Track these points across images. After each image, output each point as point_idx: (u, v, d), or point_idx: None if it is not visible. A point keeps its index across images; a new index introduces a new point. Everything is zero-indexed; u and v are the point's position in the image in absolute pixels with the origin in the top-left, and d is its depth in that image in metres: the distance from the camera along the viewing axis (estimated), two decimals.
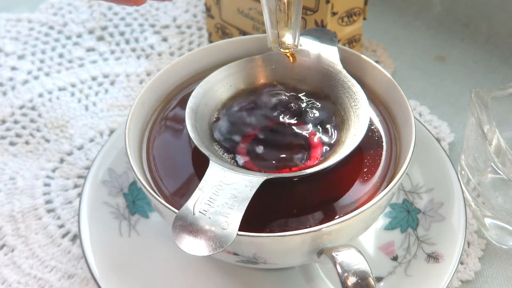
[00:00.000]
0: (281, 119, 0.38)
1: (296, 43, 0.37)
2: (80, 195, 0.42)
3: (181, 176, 0.36)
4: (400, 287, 0.37)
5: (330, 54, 0.38)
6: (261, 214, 0.33)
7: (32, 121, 0.50)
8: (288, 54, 0.38)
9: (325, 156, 0.35)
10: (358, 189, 0.34)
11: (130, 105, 0.51)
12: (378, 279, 0.37)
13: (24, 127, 0.49)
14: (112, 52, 0.55)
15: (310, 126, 0.37)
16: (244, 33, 0.50)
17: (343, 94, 0.37)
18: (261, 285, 0.38)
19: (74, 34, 0.57)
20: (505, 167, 0.36)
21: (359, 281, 0.29)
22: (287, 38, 0.37)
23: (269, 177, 0.32)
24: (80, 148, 0.48)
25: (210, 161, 0.33)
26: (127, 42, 0.56)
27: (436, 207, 0.40)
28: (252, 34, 0.49)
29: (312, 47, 0.39)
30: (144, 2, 0.28)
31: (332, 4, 0.45)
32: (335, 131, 0.37)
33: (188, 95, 0.37)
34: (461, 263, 0.40)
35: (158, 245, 0.39)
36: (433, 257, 0.38)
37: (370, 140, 0.37)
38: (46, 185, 0.45)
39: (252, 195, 0.31)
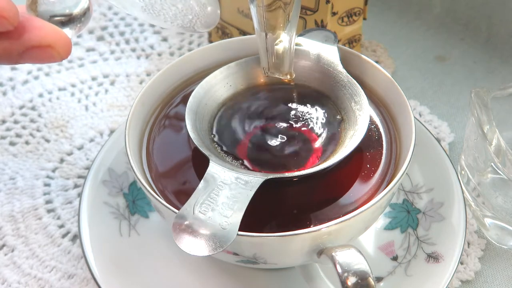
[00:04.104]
0: (281, 119, 0.38)
1: (288, 71, 0.37)
2: (80, 195, 0.42)
3: (181, 176, 0.36)
4: (400, 287, 0.37)
5: (330, 54, 0.38)
6: (261, 214, 0.33)
7: (32, 121, 0.50)
8: (282, 78, 0.38)
9: (325, 156, 0.35)
10: (358, 189, 0.34)
11: (130, 105, 0.51)
12: (378, 279, 0.37)
13: (24, 127, 0.49)
14: (112, 52, 0.55)
15: (310, 126, 0.37)
16: (244, 33, 0.50)
17: (343, 94, 0.37)
18: (261, 285, 0.38)
19: None
20: (505, 167, 0.36)
21: (359, 281, 0.29)
22: (279, 67, 0.36)
23: (269, 177, 0.32)
24: (80, 148, 0.48)
25: (210, 161, 0.33)
26: (127, 42, 0.56)
27: (436, 207, 0.40)
28: (252, 34, 0.49)
29: (312, 47, 0.39)
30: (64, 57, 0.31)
31: (332, 4, 0.45)
32: (335, 131, 0.37)
33: (188, 95, 0.37)
34: (461, 263, 0.40)
35: (158, 245, 0.39)
36: (433, 257, 0.38)
37: (370, 140, 0.37)
38: (46, 185, 0.45)
39: (252, 195, 0.31)
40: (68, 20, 0.31)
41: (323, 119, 0.37)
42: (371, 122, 0.37)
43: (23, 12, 0.31)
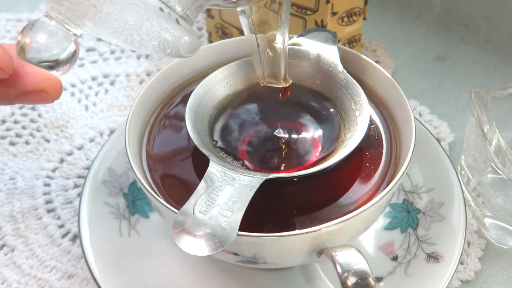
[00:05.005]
0: (281, 119, 0.38)
1: (283, 78, 0.37)
2: (80, 195, 0.42)
3: (181, 176, 0.36)
4: (400, 287, 0.37)
5: (330, 54, 0.38)
6: (261, 214, 0.33)
7: (32, 121, 0.50)
8: (279, 86, 0.38)
9: (325, 156, 0.35)
10: (358, 189, 0.34)
11: (130, 105, 0.51)
12: (378, 279, 0.37)
13: (24, 127, 0.49)
14: (112, 52, 0.55)
15: (310, 126, 0.37)
16: (244, 33, 0.50)
17: (343, 94, 0.37)
18: (261, 285, 0.38)
19: None
20: (505, 167, 0.36)
21: (359, 281, 0.29)
22: (274, 75, 0.37)
23: (269, 177, 0.32)
24: (80, 148, 0.48)
25: (210, 161, 0.33)
26: None
27: (436, 207, 0.40)
28: None
29: (312, 47, 0.39)
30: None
31: (332, 4, 0.45)
32: (335, 131, 0.37)
33: (188, 95, 0.37)
34: (461, 263, 0.40)
35: (158, 245, 0.39)
36: (433, 257, 0.38)
37: (370, 140, 0.37)
38: (46, 185, 0.45)
39: (252, 195, 0.31)
40: (55, 64, 0.32)
41: (323, 119, 0.37)
42: (371, 122, 0.37)
43: (15, 57, 0.32)
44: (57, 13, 0.31)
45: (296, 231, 0.30)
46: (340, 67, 0.38)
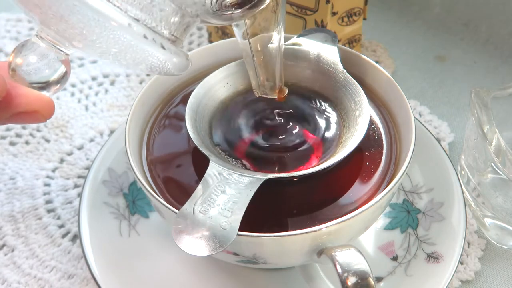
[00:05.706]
0: (281, 119, 0.38)
1: (278, 87, 0.37)
2: (80, 195, 0.42)
3: (181, 176, 0.36)
4: (400, 287, 0.37)
5: (330, 54, 0.38)
6: (261, 214, 0.33)
7: None
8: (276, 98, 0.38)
9: (325, 156, 0.35)
10: (358, 189, 0.34)
11: (130, 105, 0.51)
12: (378, 279, 0.37)
13: (24, 127, 0.49)
14: None
15: (310, 126, 0.37)
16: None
17: (343, 94, 0.37)
18: (261, 285, 0.38)
19: None
20: (505, 167, 0.36)
21: (359, 281, 0.29)
22: (269, 86, 0.37)
23: (269, 177, 0.32)
24: (80, 148, 0.48)
25: (210, 161, 0.33)
26: None
27: (436, 207, 0.40)
28: None
29: (312, 47, 0.39)
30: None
31: (332, 4, 0.45)
32: (335, 131, 0.37)
33: (188, 95, 0.37)
34: (461, 263, 0.40)
35: (158, 245, 0.39)
36: (433, 257, 0.38)
37: (370, 140, 0.37)
38: (46, 185, 0.45)
39: (252, 195, 0.31)
40: (46, 85, 0.32)
41: (323, 119, 0.37)
42: (371, 122, 0.37)
43: (7, 77, 0.32)
44: (46, 34, 0.31)
45: (296, 231, 0.30)
46: (340, 67, 0.38)
